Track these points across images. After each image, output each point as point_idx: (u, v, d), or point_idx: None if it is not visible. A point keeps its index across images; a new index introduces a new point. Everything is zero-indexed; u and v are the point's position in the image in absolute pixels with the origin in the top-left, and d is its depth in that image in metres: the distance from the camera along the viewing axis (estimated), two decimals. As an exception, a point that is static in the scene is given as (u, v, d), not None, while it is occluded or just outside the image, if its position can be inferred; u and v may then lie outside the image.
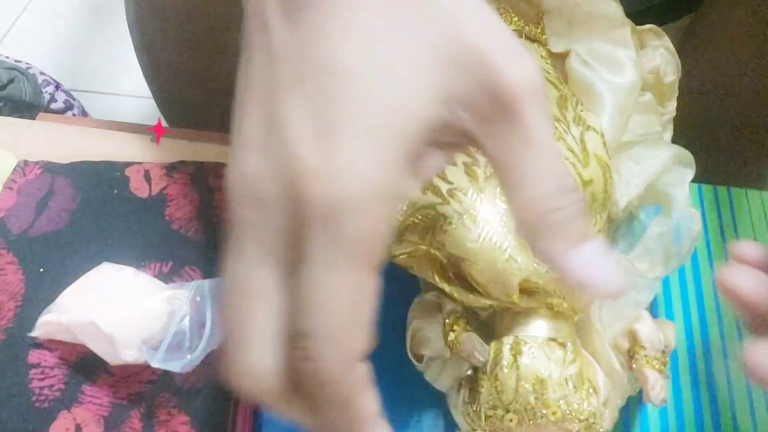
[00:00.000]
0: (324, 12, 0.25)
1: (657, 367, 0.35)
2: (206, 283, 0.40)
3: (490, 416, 0.34)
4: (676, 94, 0.40)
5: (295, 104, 0.25)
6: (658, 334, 0.36)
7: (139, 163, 0.50)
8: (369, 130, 0.24)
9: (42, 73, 0.97)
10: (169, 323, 0.39)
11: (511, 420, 0.34)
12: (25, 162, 0.50)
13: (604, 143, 0.36)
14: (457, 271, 0.35)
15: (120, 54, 0.71)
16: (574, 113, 0.36)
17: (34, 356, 0.41)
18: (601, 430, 0.34)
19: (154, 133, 0.54)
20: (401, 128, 0.25)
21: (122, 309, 0.39)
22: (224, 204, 0.26)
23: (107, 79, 1.33)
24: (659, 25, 0.66)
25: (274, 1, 0.27)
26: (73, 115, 0.97)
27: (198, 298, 0.40)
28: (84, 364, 0.41)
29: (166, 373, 0.40)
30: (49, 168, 0.49)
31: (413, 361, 0.38)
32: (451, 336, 0.35)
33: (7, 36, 1.45)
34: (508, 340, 0.35)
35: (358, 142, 0.24)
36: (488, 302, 0.35)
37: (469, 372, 0.36)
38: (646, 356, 0.35)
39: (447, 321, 0.36)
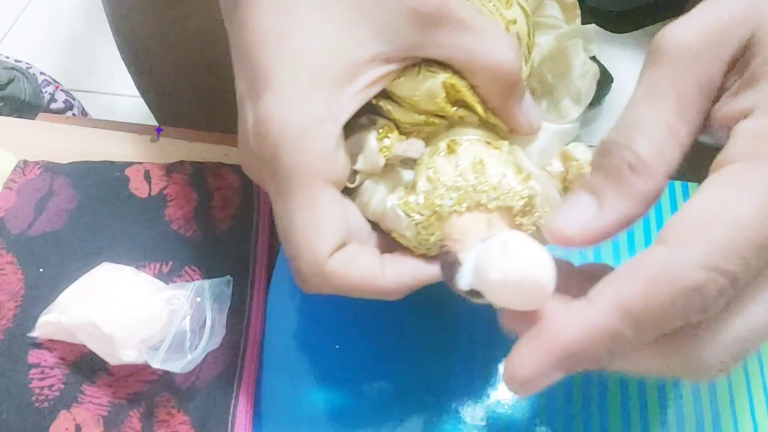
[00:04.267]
0: (247, 8, 0.33)
1: None
2: (206, 283, 0.40)
3: (429, 199, 0.33)
4: (579, 18, 0.41)
5: (243, 83, 0.34)
6: (589, 151, 0.35)
7: (139, 163, 0.50)
8: (289, 81, 0.32)
9: (42, 73, 0.97)
10: (169, 323, 0.39)
11: (451, 198, 0.33)
12: (25, 162, 0.50)
13: None
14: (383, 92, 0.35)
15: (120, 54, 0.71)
16: None
17: (34, 356, 0.41)
18: (541, 219, 0.33)
19: (154, 133, 0.54)
20: (321, 74, 0.32)
21: (122, 309, 0.39)
22: (224, 204, 0.27)
23: (107, 79, 1.33)
24: (651, 24, 0.66)
25: (224, 5, 0.35)
26: (73, 115, 0.97)
27: (198, 298, 0.40)
28: (84, 364, 0.41)
29: (166, 373, 0.40)
30: (49, 168, 0.49)
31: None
32: (386, 142, 0.35)
33: (7, 36, 1.46)
34: (443, 140, 0.35)
35: (278, 94, 0.32)
36: (421, 117, 0.35)
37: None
38: (581, 166, 0.34)
39: (381, 131, 0.35)
